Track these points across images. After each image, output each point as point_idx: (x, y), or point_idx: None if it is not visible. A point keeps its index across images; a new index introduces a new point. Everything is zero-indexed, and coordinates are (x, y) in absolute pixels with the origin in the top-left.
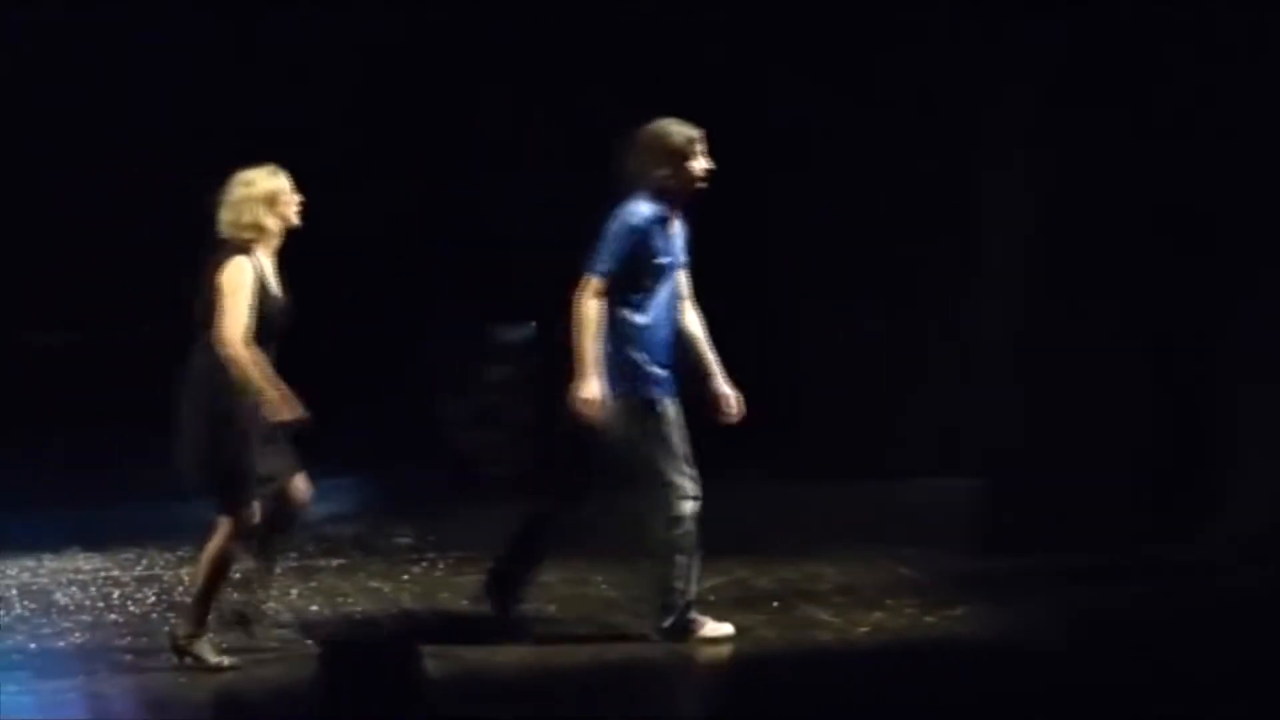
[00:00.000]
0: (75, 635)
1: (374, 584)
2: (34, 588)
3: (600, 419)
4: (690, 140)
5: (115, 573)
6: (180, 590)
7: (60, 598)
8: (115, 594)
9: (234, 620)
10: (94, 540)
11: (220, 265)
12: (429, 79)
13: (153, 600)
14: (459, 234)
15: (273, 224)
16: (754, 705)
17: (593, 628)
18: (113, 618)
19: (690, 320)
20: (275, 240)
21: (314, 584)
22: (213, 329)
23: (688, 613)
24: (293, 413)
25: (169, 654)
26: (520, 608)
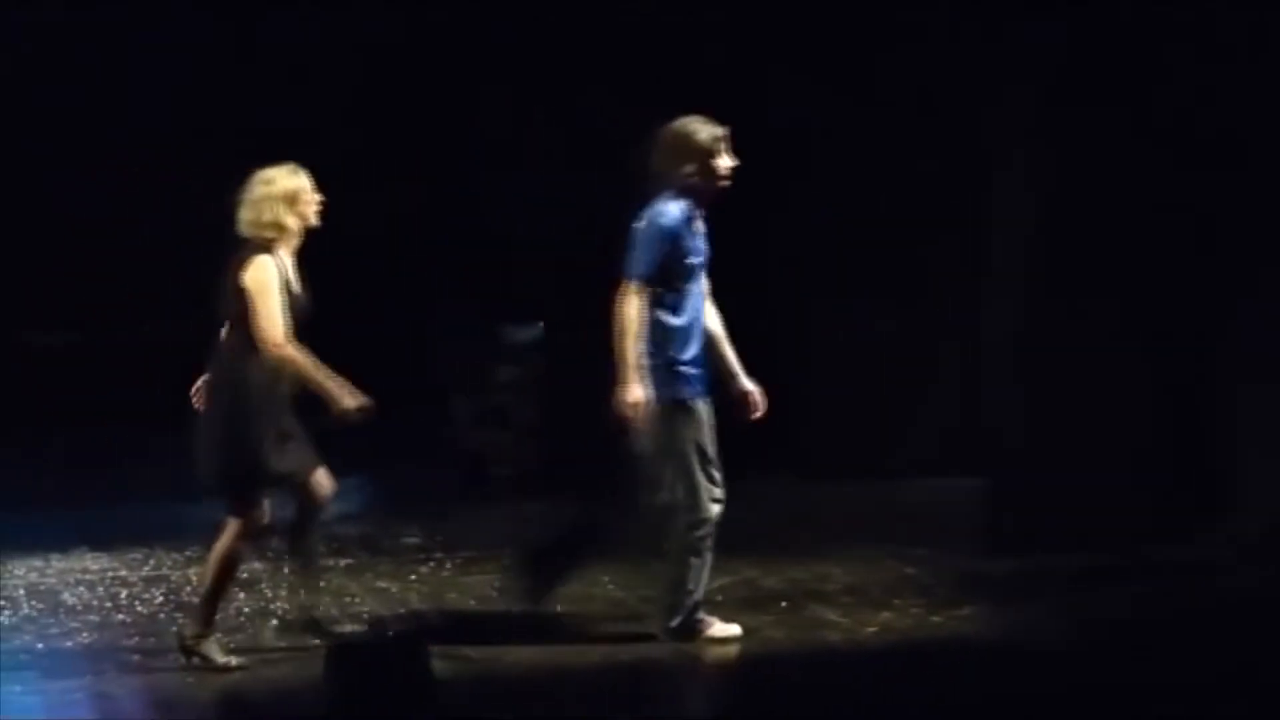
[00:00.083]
0: (83, 635)
1: (381, 584)
2: (41, 588)
3: (644, 422)
4: (715, 138)
5: (123, 573)
6: (188, 590)
7: (68, 598)
8: (123, 594)
9: (305, 626)
10: (101, 540)
11: (241, 264)
12: (429, 79)
13: (160, 600)
14: (459, 234)
15: (293, 223)
16: (762, 705)
17: (601, 628)
18: (120, 618)
19: (711, 319)
20: (295, 239)
21: (321, 584)
22: (237, 328)
23: (696, 613)
24: (356, 401)
25: (176, 654)
26: (544, 607)
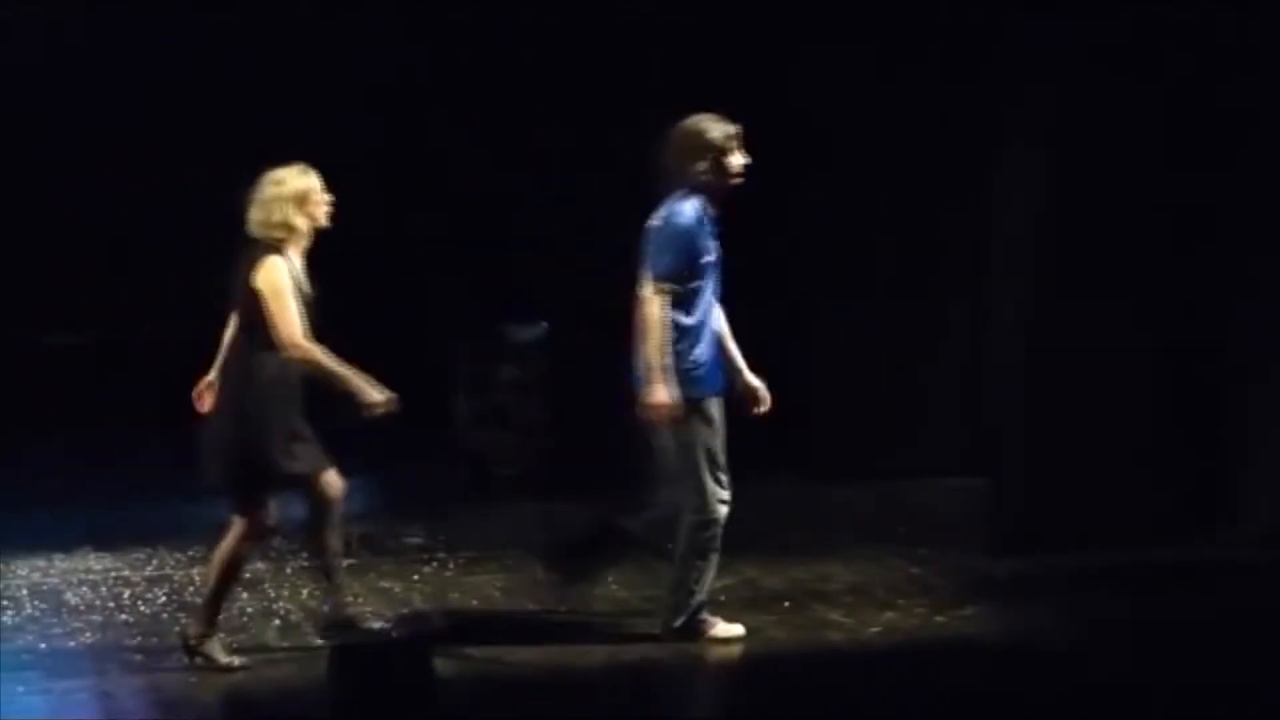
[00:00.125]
0: (86, 635)
1: (384, 584)
2: (45, 588)
3: (669, 423)
4: (728, 135)
5: (126, 573)
6: (191, 590)
7: (71, 598)
8: (126, 594)
9: (340, 624)
10: (105, 540)
11: (252, 265)
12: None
13: (163, 600)
14: (459, 234)
15: (302, 223)
16: (765, 705)
17: (604, 628)
18: (123, 618)
19: (717, 316)
20: (305, 240)
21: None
22: (246, 329)
23: (699, 613)
24: (382, 394)
25: (180, 654)
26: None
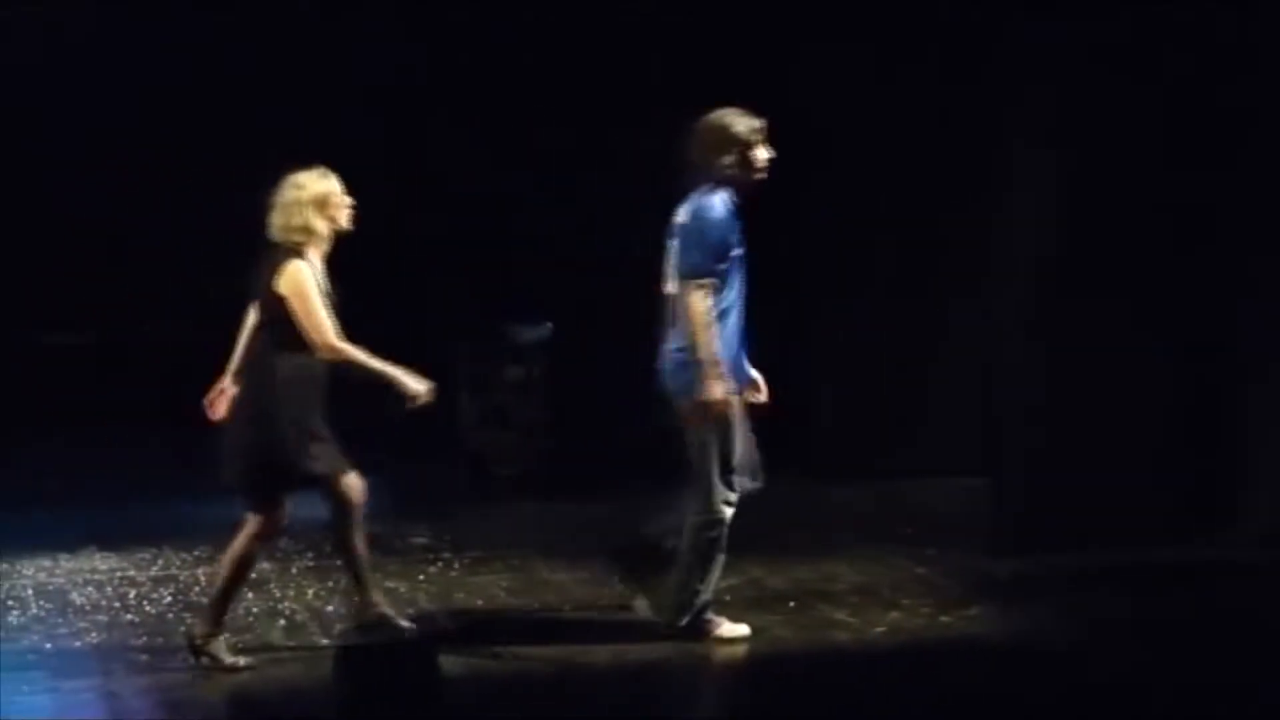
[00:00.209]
0: (91, 635)
1: (390, 584)
2: (50, 588)
3: (727, 418)
4: (753, 129)
5: (131, 573)
6: (197, 590)
7: (76, 598)
8: (131, 594)
9: (369, 625)
10: (110, 540)
11: (275, 269)
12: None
13: (169, 600)
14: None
15: (322, 227)
16: (770, 705)
17: (609, 628)
18: (129, 618)
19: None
20: (325, 243)
21: (330, 584)
22: (268, 331)
23: (704, 613)
24: (423, 384)
25: (185, 654)
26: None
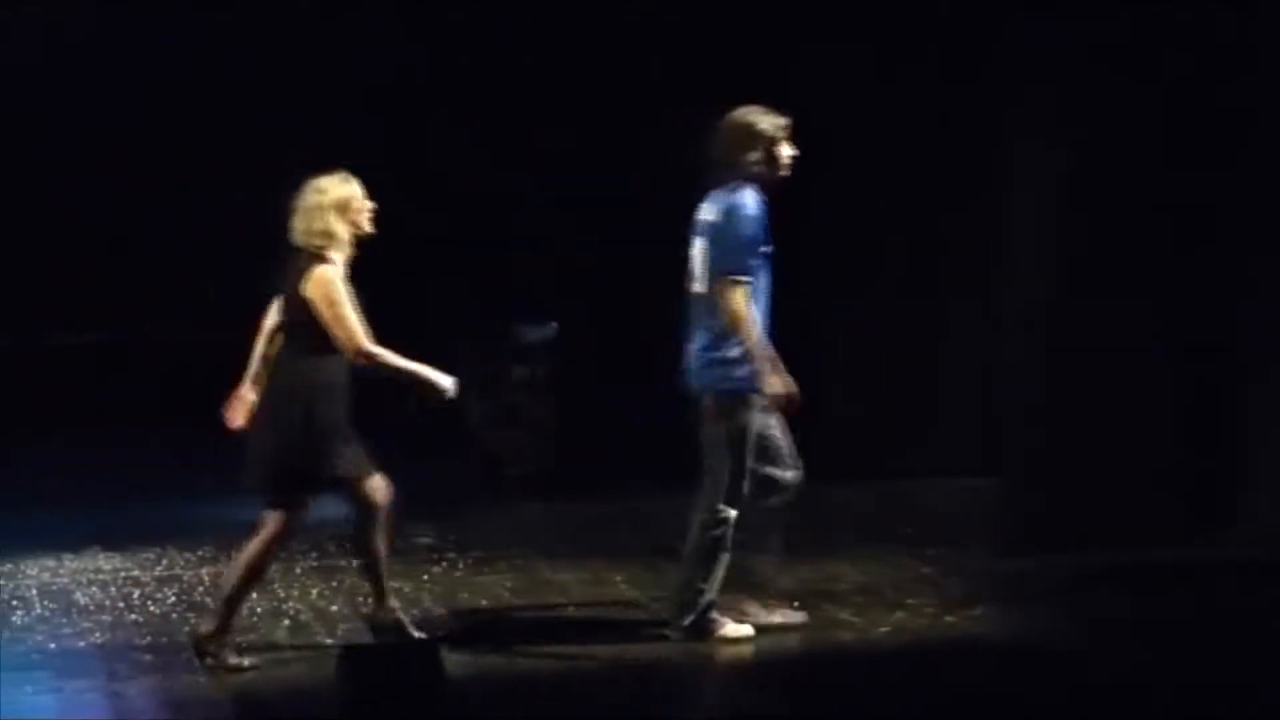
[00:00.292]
0: (95, 635)
1: (394, 584)
2: (54, 588)
3: (798, 408)
4: (778, 126)
5: (135, 573)
6: (201, 590)
7: (80, 598)
8: (135, 594)
9: (386, 628)
10: (114, 540)
11: (300, 274)
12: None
13: (173, 600)
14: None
15: (343, 231)
16: (774, 705)
17: (612, 627)
18: (133, 618)
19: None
20: (347, 248)
21: (334, 584)
22: (294, 335)
23: (708, 613)
24: (451, 381)
25: (189, 654)
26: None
